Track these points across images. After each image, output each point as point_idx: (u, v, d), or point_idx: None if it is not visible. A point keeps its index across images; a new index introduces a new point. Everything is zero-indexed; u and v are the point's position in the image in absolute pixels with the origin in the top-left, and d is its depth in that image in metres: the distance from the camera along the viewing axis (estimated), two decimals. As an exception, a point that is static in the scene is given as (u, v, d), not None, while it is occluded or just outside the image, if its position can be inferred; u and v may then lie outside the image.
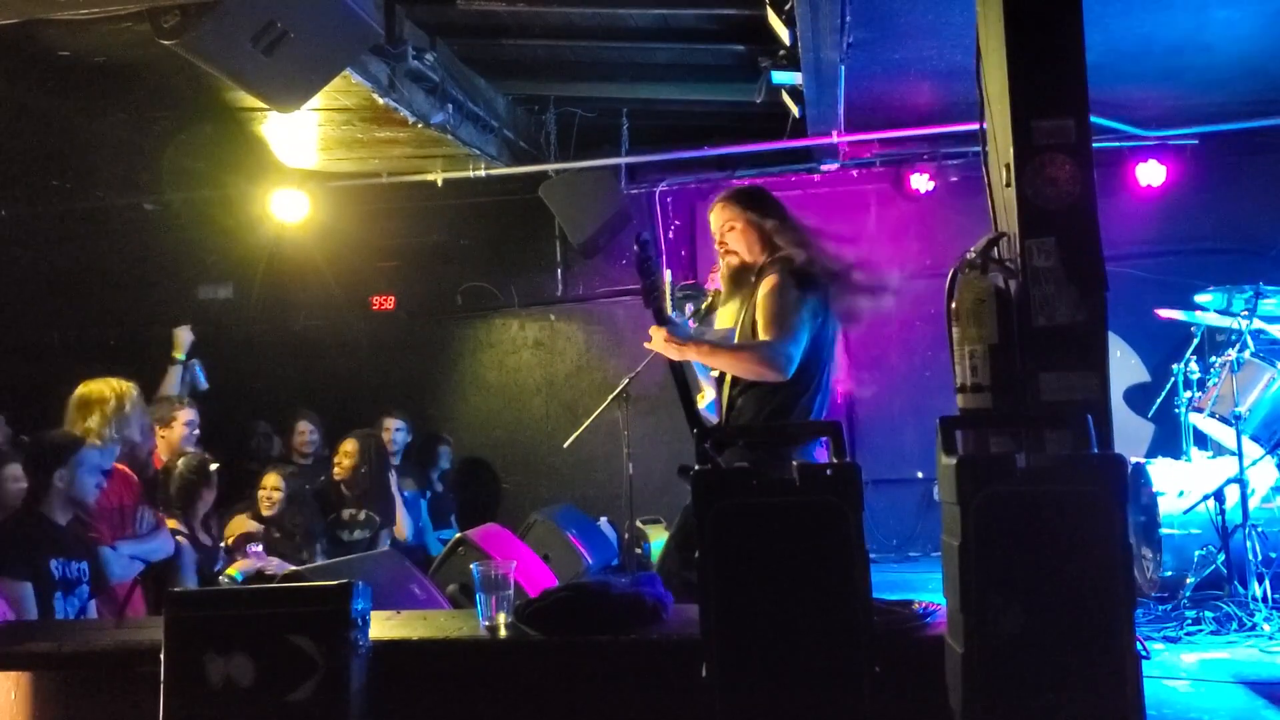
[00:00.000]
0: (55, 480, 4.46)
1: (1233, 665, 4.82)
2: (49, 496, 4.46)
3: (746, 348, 3.95)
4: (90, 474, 4.55)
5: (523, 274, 9.31)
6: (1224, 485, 5.78)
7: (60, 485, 4.46)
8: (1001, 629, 2.50)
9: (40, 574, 4.25)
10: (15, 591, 4.17)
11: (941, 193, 8.51)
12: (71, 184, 8.55)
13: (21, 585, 4.18)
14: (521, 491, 9.07)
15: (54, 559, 4.31)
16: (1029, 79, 3.27)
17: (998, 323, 3.23)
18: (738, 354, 3.97)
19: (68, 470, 4.48)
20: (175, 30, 4.39)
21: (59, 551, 4.36)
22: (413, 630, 3.34)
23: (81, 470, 4.51)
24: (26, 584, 4.19)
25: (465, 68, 7.15)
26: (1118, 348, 7.96)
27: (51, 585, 4.27)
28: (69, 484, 4.48)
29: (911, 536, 8.47)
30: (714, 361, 4.04)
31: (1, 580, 4.17)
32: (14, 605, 4.14)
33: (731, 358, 3.98)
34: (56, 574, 4.30)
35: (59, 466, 4.47)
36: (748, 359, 3.92)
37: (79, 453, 4.54)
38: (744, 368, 3.94)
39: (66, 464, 4.48)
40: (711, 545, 2.69)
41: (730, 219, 4.15)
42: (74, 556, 4.39)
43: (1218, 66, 6.91)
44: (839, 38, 5.58)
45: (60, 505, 4.48)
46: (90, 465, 4.55)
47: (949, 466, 2.60)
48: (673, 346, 3.93)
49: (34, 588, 4.21)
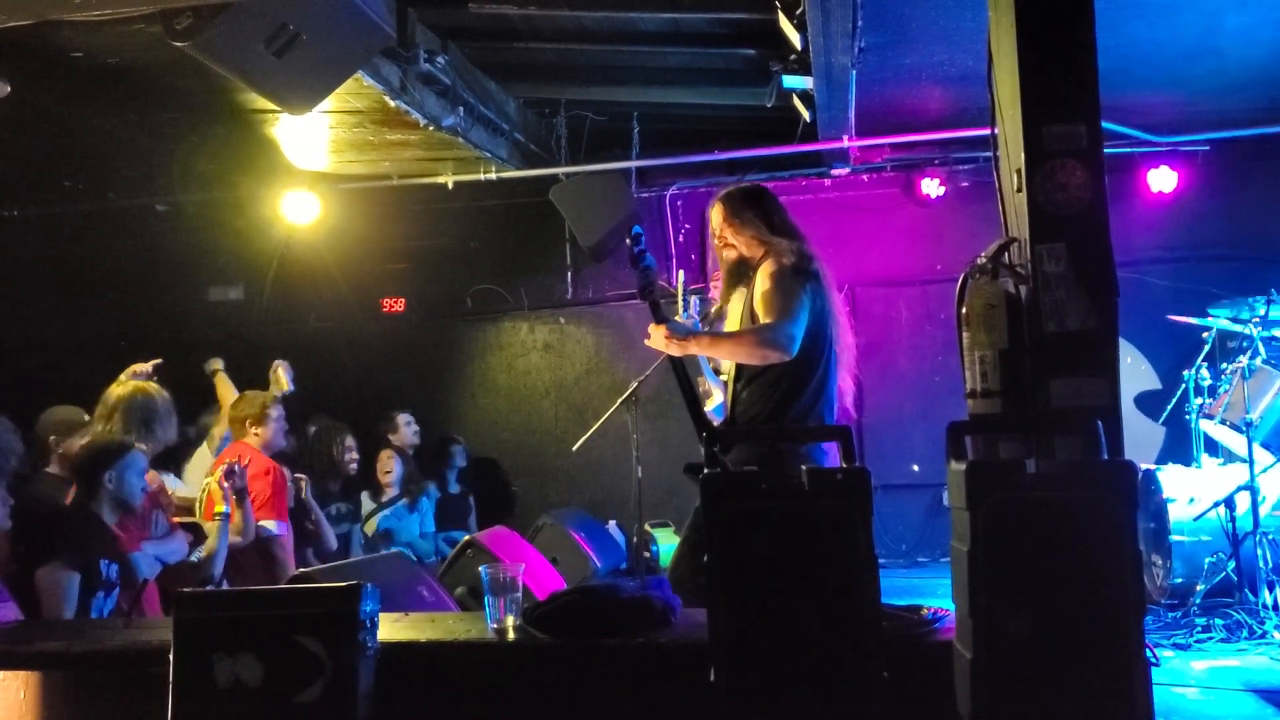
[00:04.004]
0: (105, 482, 4.53)
1: (1243, 673, 4.81)
2: (99, 497, 4.53)
3: (747, 331, 4.02)
4: (137, 476, 4.64)
5: (533, 277, 9.32)
6: (1234, 492, 5.77)
7: (110, 487, 4.54)
8: (1010, 635, 2.49)
9: (91, 570, 4.30)
10: (62, 580, 4.19)
11: (952, 198, 8.51)
12: (83, 185, 8.59)
13: (70, 575, 4.22)
14: (530, 494, 9.08)
15: (103, 558, 4.38)
16: (1040, 84, 3.27)
17: (1008, 328, 3.23)
18: (739, 339, 4.04)
19: (116, 472, 4.55)
20: (188, 32, 4.40)
21: (106, 551, 4.42)
22: (421, 632, 3.34)
23: (130, 472, 4.59)
24: (75, 575, 4.23)
25: (477, 71, 7.16)
26: (1128, 354, 7.94)
27: (97, 584, 4.32)
28: (117, 485, 4.55)
29: (920, 542, 8.46)
30: (716, 350, 4.11)
31: (53, 566, 4.20)
32: (51, 593, 4.16)
33: (733, 344, 4.06)
34: (103, 573, 4.35)
35: (108, 469, 4.54)
36: (750, 342, 3.98)
37: (127, 455, 4.63)
38: (747, 351, 3.99)
39: (115, 466, 4.56)
40: (720, 549, 2.69)
41: (728, 215, 4.25)
42: (114, 559, 4.45)
43: (1229, 72, 6.90)
44: (850, 42, 5.58)
45: (109, 507, 4.55)
46: (137, 468, 4.65)
47: (958, 472, 2.60)
48: (673, 342, 3.99)
49: (79, 581, 4.26)
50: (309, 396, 8.05)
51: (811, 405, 4.01)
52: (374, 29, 5.08)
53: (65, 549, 4.29)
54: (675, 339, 3.98)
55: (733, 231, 4.22)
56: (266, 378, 6.90)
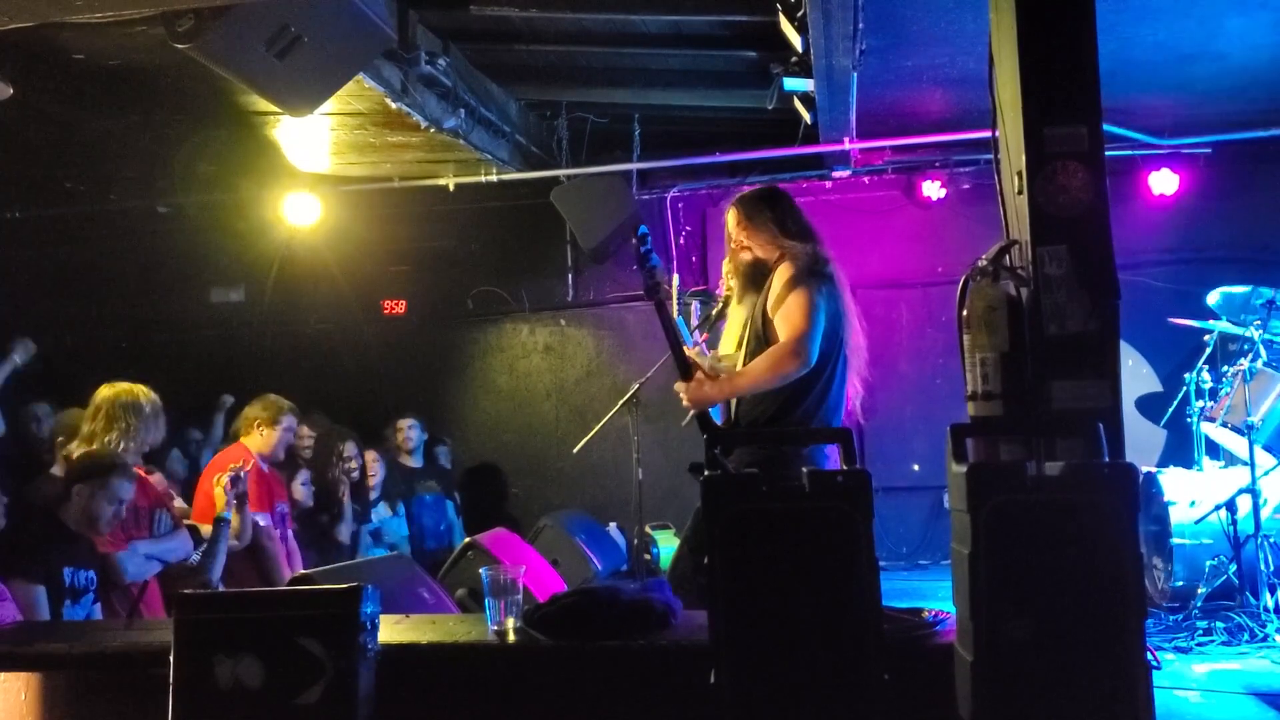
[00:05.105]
0: (74, 493, 4.51)
1: (1244, 676, 4.80)
2: (68, 506, 4.51)
3: (762, 362, 3.99)
4: (110, 502, 4.56)
5: (533, 279, 9.32)
6: (1236, 495, 5.77)
7: (78, 500, 4.50)
8: (1011, 638, 2.49)
9: (53, 579, 4.27)
10: (28, 595, 4.18)
11: (953, 200, 8.51)
12: (84, 187, 8.59)
13: (35, 589, 4.20)
14: (531, 496, 9.08)
15: (66, 566, 4.34)
16: (1042, 86, 3.26)
17: (1009, 330, 3.22)
18: (758, 373, 4.00)
19: (88, 488, 4.51)
20: (189, 34, 4.40)
21: (71, 559, 4.38)
22: (421, 634, 3.34)
23: (102, 495, 4.53)
24: (40, 587, 4.21)
25: (478, 73, 7.16)
26: (1130, 356, 7.94)
27: (62, 592, 4.29)
28: (86, 500, 4.51)
29: (921, 544, 8.46)
30: (741, 387, 4.05)
31: (14, 582, 4.18)
32: (25, 608, 4.15)
33: (754, 380, 4.01)
34: (68, 581, 4.32)
35: (83, 483, 4.52)
36: (771, 370, 3.96)
37: (107, 479, 4.56)
38: (768, 379, 3.98)
39: (90, 483, 4.53)
40: (721, 551, 2.69)
41: (742, 218, 4.25)
42: (84, 565, 4.42)
43: (1231, 75, 6.90)
44: (851, 44, 5.58)
45: (75, 518, 4.52)
46: (113, 495, 4.57)
47: (959, 474, 2.60)
48: (699, 397, 3.99)
49: (46, 592, 4.23)
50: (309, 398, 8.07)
51: (816, 408, 4.01)
52: (375, 31, 5.08)
53: (21, 563, 4.25)
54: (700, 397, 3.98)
55: (748, 234, 4.22)
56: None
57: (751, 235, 4.21)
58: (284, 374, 8.96)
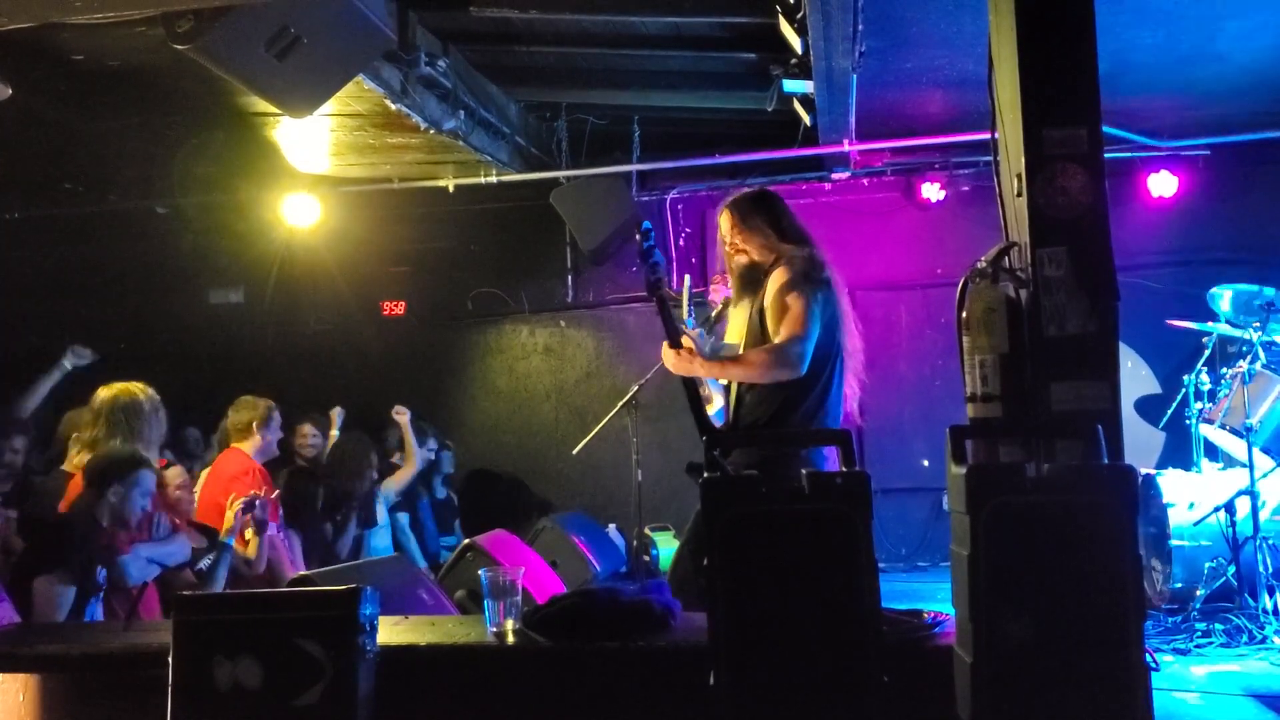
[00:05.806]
0: (109, 495, 4.55)
1: (1243, 678, 4.80)
2: (101, 507, 4.55)
3: (756, 355, 3.99)
4: (143, 495, 4.65)
5: (533, 280, 9.32)
6: (1234, 497, 5.76)
7: (114, 500, 4.56)
8: (1010, 639, 2.49)
9: (88, 579, 4.32)
10: (59, 592, 4.21)
11: (952, 202, 8.51)
12: (84, 187, 8.59)
13: (68, 588, 4.24)
14: (530, 497, 9.07)
15: (101, 566, 4.39)
16: (1041, 88, 3.27)
17: (1008, 332, 3.23)
18: (748, 363, 4.02)
19: (123, 487, 4.58)
20: (189, 35, 4.39)
21: (101, 558, 4.43)
22: (420, 636, 3.34)
23: (135, 490, 4.62)
24: (73, 588, 4.26)
25: (478, 74, 7.17)
26: (1129, 358, 7.94)
27: (93, 589, 4.34)
28: (121, 500, 4.57)
29: (920, 546, 8.45)
30: (725, 374, 4.09)
31: (53, 577, 4.22)
32: (46, 601, 4.17)
33: (743, 367, 4.04)
34: (98, 580, 4.37)
35: (115, 483, 4.57)
36: (761, 365, 3.97)
37: (136, 473, 4.64)
38: (758, 374, 3.98)
39: (123, 481, 4.58)
40: (720, 553, 2.69)
41: (737, 221, 4.24)
42: (105, 564, 4.46)
43: (1230, 77, 6.90)
44: (851, 46, 5.58)
45: (108, 518, 4.57)
46: (143, 487, 4.66)
47: (958, 476, 2.60)
48: (683, 365, 4.01)
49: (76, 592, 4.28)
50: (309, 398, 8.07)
51: (815, 411, 4.01)
52: (375, 32, 5.08)
53: (67, 561, 4.29)
54: (684, 361, 4.00)
55: (742, 238, 4.20)
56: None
57: (747, 238, 4.20)
58: (283, 375, 8.97)
